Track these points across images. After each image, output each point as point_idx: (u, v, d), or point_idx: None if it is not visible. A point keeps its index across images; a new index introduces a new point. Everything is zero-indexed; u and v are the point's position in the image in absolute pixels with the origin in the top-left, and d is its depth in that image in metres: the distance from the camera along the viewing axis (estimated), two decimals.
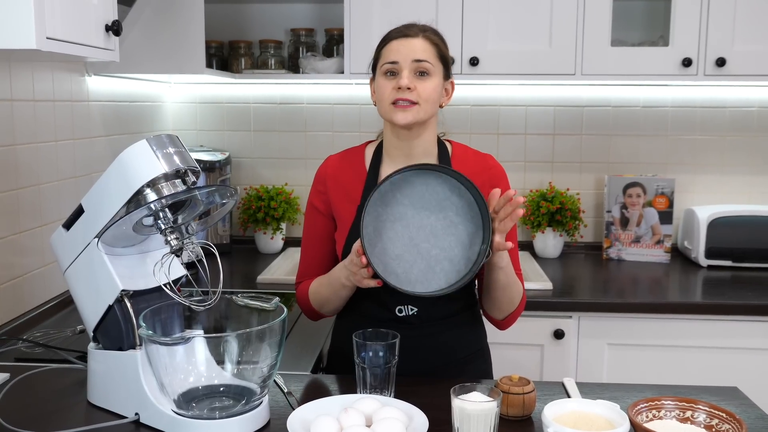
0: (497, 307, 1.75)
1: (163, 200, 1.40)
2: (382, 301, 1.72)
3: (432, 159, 1.76)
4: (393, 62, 1.66)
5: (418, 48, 1.66)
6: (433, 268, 1.62)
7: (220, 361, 1.41)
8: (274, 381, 1.60)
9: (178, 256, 1.46)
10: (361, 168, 1.79)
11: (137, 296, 1.48)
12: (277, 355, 1.40)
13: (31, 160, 2.13)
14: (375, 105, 1.75)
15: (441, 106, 1.73)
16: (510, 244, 1.57)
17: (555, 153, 3.20)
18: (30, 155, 2.13)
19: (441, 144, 1.79)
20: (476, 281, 1.81)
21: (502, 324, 1.81)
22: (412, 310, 1.72)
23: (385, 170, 1.76)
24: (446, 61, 1.72)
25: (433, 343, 1.75)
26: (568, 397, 1.58)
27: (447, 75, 1.73)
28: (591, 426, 1.33)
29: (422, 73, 1.66)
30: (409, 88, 1.64)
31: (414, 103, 1.64)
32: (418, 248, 1.62)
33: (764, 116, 3.13)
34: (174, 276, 1.50)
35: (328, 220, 1.80)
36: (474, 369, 1.81)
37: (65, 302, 2.25)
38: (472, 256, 1.61)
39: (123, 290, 1.45)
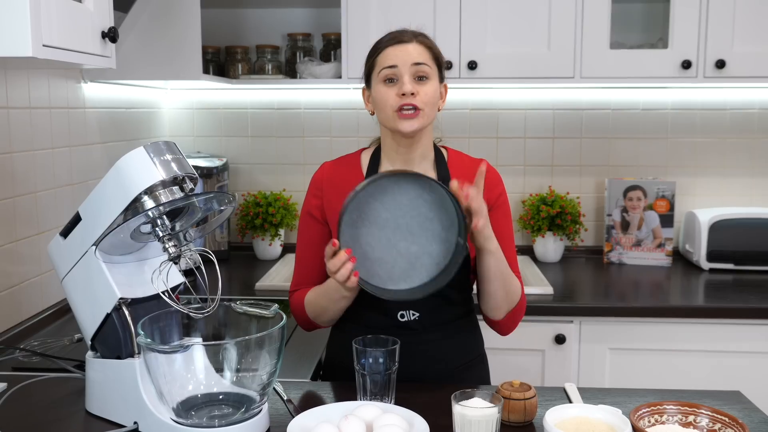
0: (495, 302, 1.70)
1: (161, 207, 1.39)
2: (383, 307, 1.71)
3: (429, 163, 1.76)
4: (392, 66, 1.64)
5: (415, 52, 1.65)
6: (413, 264, 1.62)
7: (219, 369, 1.40)
8: (274, 388, 1.59)
9: (176, 263, 1.45)
10: (358, 173, 1.78)
11: (135, 304, 1.47)
12: (276, 362, 1.39)
13: (27, 167, 2.12)
14: (371, 114, 1.75)
15: (438, 110, 1.73)
16: (479, 222, 1.54)
17: (555, 156, 3.20)
18: (26, 163, 2.12)
19: (437, 149, 1.79)
20: (472, 283, 1.80)
21: (503, 326, 1.76)
22: (414, 315, 1.71)
23: None
24: (441, 64, 1.72)
25: (433, 349, 1.74)
26: (570, 402, 1.57)
27: (441, 78, 1.72)
28: (593, 431, 1.32)
29: (421, 77, 1.65)
30: (413, 93, 1.63)
31: (418, 110, 1.64)
32: (397, 248, 1.61)
33: (765, 118, 3.12)
34: (172, 283, 1.50)
35: (323, 227, 1.78)
36: (473, 376, 1.81)
37: (63, 311, 2.24)
38: (450, 248, 1.61)
39: (121, 298, 1.44)
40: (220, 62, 3.15)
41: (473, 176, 1.72)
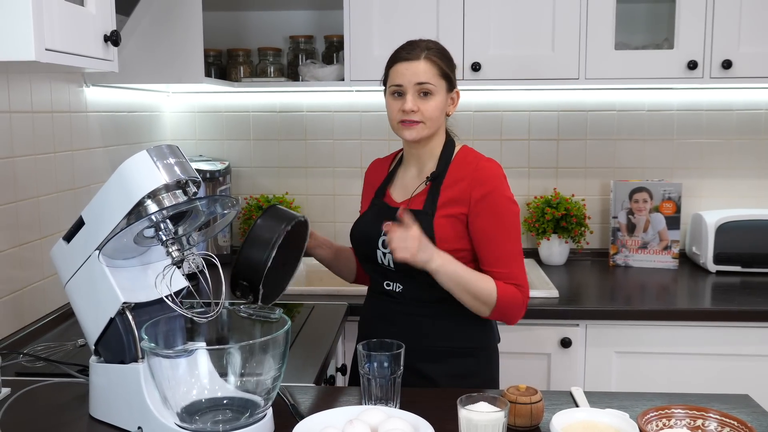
0: (469, 305, 1.78)
1: (164, 211, 1.39)
2: (373, 277, 1.95)
3: (434, 162, 1.89)
4: (398, 85, 1.81)
5: (421, 71, 1.80)
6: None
7: (223, 374, 1.40)
8: (278, 393, 1.58)
9: (179, 267, 1.44)
10: (386, 169, 2.02)
11: (139, 308, 1.47)
12: (280, 366, 1.38)
13: (29, 172, 2.12)
14: None
15: (448, 115, 1.89)
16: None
17: (559, 158, 3.18)
18: (28, 167, 2.11)
19: (449, 147, 1.89)
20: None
21: (500, 320, 1.87)
22: (398, 287, 1.86)
23: (400, 172, 1.96)
24: (449, 77, 1.85)
25: (418, 323, 1.84)
26: (577, 406, 1.56)
27: (451, 87, 1.86)
28: None
29: (425, 94, 1.81)
30: (413, 110, 1.80)
31: (419, 122, 1.81)
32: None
33: None
34: (175, 288, 1.49)
35: None
36: (460, 366, 1.84)
37: (66, 315, 2.23)
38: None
39: (124, 303, 1.44)
40: (222, 65, 3.14)
41: (464, 175, 1.84)
